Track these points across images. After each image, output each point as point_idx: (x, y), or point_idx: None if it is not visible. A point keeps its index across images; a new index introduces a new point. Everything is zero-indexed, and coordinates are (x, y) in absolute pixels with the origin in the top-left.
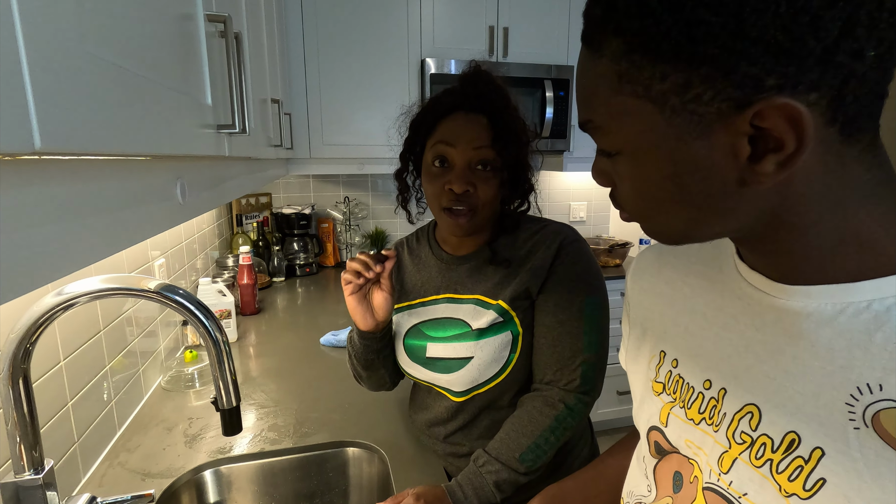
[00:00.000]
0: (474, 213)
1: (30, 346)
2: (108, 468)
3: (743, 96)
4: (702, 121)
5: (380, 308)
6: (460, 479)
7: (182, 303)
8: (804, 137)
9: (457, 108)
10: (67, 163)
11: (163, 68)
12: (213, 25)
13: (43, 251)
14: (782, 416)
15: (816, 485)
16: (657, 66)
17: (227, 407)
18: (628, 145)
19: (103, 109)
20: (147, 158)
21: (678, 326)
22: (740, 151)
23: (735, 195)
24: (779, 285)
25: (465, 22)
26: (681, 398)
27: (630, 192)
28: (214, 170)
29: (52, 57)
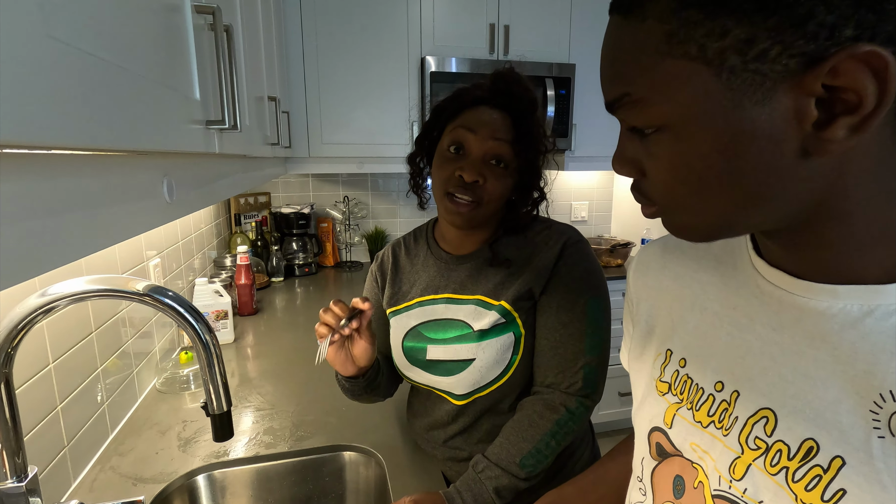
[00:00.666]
0: (477, 206)
1: (11, 350)
2: (98, 473)
3: (816, 50)
4: (765, 82)
5: (360, 357)
6: (459, 486)
7: (171, 305)
8: (887, 91)
9: (484, 101)
10: (43, 157)
11: (145, 61)
12: (202, 17)
13: (20, 248)
14: (800, 422)
15: (836, 495)
16: (717, 20)
17: (217, 412)
18: (676, 116)
19: (73, 101)
20: (128, 154)
21: (687, 324)
22: (806, 116)
23: (791, 172)
24: (803, 283)
25: (466, 20)
26: (688, 399)
27: (667, 176)
28: (205, 167)
29: (17, 43)
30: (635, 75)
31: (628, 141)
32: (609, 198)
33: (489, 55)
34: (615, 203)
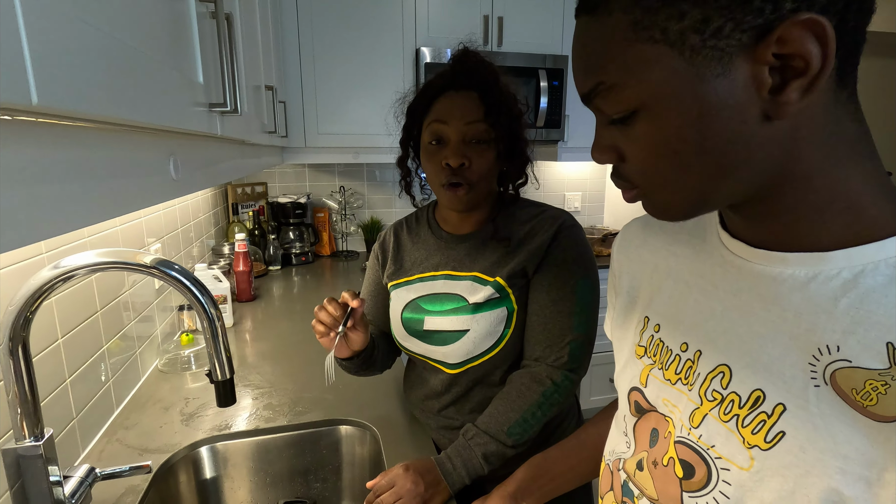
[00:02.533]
0: (472, 187)
1: (30, 314)
2: (106, 444)
3: (763, 23)
4: (723, 56)
5: (355, 342)
6: (450, 452)
7: (177, 278)
8: (828, 53)
9: (448, 87)
10: (66, 128)
11: (155, 43)
12: (204, 6)
13: (42, 208)
14: (750, 375)
15: (776, 437)
16: (674, 5)
17: (220, 379)
18: (647, 96)
19: (97, 74)
20: (141, 131)
21: (662, 293)
22: (763, 83)
23: (754, 138)
24: (759, 251)
25: (460, 11)
26: (660, 361)
27: (646, 155)
28: (207, 150)
29: (47, 21)
30: (607, 64)
31: (605, 130)
32: (602, 188)
33: (483, 46)
34: (608, 194)
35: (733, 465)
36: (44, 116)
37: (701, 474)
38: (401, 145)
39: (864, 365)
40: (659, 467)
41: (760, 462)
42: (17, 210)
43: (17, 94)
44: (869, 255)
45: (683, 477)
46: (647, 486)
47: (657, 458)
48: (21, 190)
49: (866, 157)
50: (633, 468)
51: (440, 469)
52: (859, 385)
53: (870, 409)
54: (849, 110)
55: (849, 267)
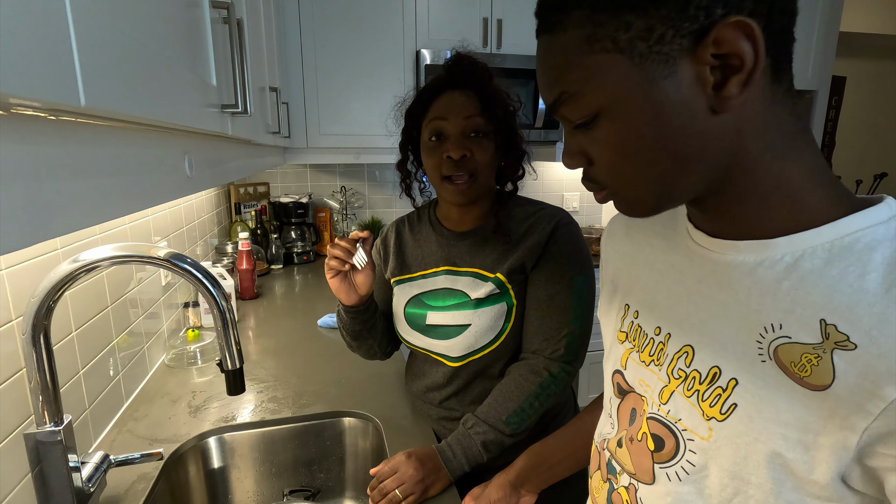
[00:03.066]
0: (474, 178)
1: (52, 303)
2: (117, 434)
3: (699, 28)
4: (668, 59)
5: (361, 284)
6: (450, 440)
7: (190, 270)
8: (759, 50)
9: (445, 88)
10: (94, 127)
11: (175, 48)
12: (217, 12)
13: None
14: (709, 353)
15: (730, 409)
16: (621, 17)
17: (231, 368)
18: (606, 101)
19: (132, 78)
20: (158, 130)
21: (640, 282)
22: (706, 81)
23: (705, 132)
24: (716, 241)
25: (460, 14)
26: (638, 344)
27: (610, 156)
28: (218, 150)
29: (94, 31)
30: (567, 75)
31: (573, 137)
32: None
33: (482, 48)
34: None
35: (696, 436)
36: (83, 117)
37: (670, 446)
38: (400, 148)
39: (801, 340)
40: (634, 443)
41: (717, 432)
42: (48, 204)
43: (68, 96)
44: (808, 241)
45: (655, 450)
46: (626, 462)
47: (633, 435)
48: (51, 185)
49: (804, 148)
50: (615, 446)
51: (441, 457)
52: (797, 358)
53: (805, 380)
54: (787, 105)
55: (790, 252)
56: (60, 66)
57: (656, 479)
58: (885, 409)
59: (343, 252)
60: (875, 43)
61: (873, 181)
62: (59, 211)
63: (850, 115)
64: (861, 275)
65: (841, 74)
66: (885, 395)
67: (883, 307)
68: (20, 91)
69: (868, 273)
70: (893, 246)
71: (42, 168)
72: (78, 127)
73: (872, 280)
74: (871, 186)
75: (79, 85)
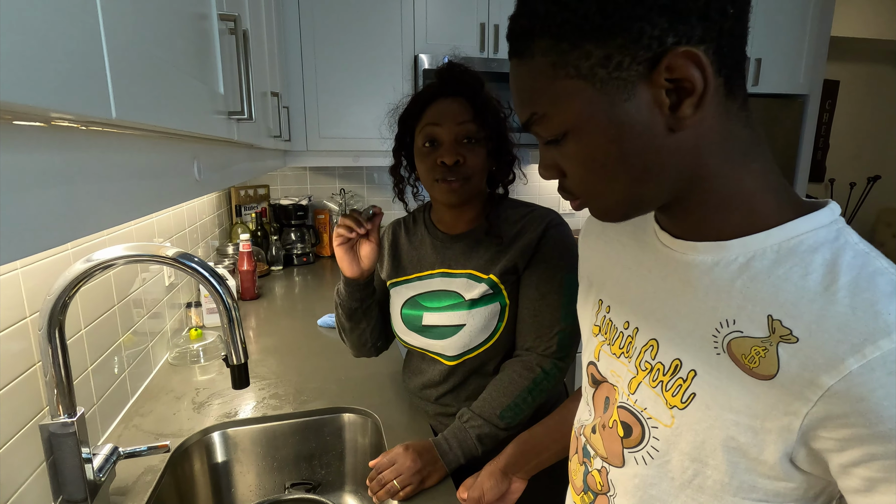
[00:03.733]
0: (466, 181)
1: (68, 299)
2: (123, 429)
3: (653, 56)
4: (627, 84)
5: (366, 257)
6: (446, 434)
7: (197, 269)
8: (707, 76)
9: (437, 95)
10: (118, 135)
11: (186, 60)
12: (224, 23)
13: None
14: (672, 346)
15: (689, 398)
16: (581, 47)
17: (236, 363)
18: (572, 121)
19: (151, 91)
20: (170, 136)
21: (612, 278)
22: (662, 103)
23: (664, 148)
24: (679, 241)
25: (457, 19)
26: (609, 338)
27: (580, 170)
28: (223, 154)
29: (122, 48)
30: (537, 97)
31: (546, 151)
32: None
33: (480, 53)
34: None
35: (660, 424)
36: (109, 126)
37: (637, 433)
38: (393, 154)
39: (752, 334)
40: (606, 429)
41: (679, 419)
42: (81, 204)
43: (101, 110)
44: (758, 243)
45: (624, 436)
46: (599, 447)
47: (605, 422)
48: (83, 187)
49: (758, 158)
50: (589, 432)
51: (437, 449)
52: (747, 351)
53: (754, 371)
54: (741, 119)
55: (743, 253)
56: (95, 83)
57: (626, 462)
58: (822, 395)
59: (354, 222)
60: (867, 47)
61: (867, 184)
62: (91, 211)
63: (844, 118)
64: (804, 274)
65: (834, 78)
66: (821, 383)
67: (821, 304)
68: (61, 106)
69: (810, 273)
70: (832, 248)
71: (76, 172)
72: (104, 135)
73: (813, 279)
74: (865, 189)
75: (111, 100)
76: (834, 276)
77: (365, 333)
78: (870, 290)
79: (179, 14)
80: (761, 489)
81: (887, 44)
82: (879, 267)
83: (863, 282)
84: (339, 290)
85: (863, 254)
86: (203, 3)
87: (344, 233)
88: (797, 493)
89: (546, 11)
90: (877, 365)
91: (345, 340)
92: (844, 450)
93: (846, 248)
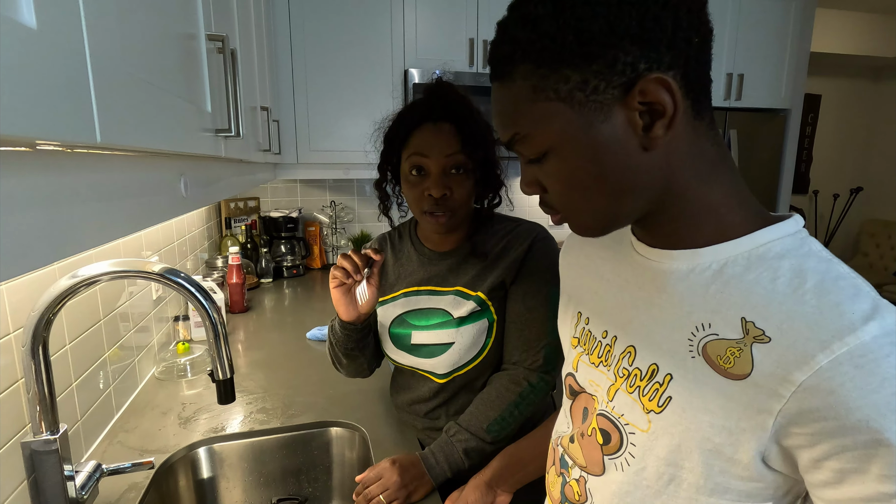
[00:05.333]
0: (453, 213)
1: (52, 315)
2: (108, 446)
3: (627, 81)
4: (603, 107)
5: (364, 303)
6: (433, 448)
7: (183, 284)
8: (677, 100)
9: (425, 119)
10: (104, 156)
11: (173, 80)
12: (213, 43)
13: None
14: (649, 353)
15: (666, 402)
16: (560, 72)
17: (222, 378)
18: (553, 142)
19: (136, 114)
20: (155, 155)
21: (591, 291)
22: (636, 124)
23: (639, 166)
24: (655, 250)
25: (447, 34)
26: (588, 348)
27: (561, 187)
28: (211, 169)
29: (108, 73)
30: (518, 119)
31: (528, 169)
32: None
33: (469, 68)
34: None
35: (637, 429)
36: (95, 148)
37: (616, 439)
38: (378, 170)
39: (727, 336)
40: (585, 438)
41: (655, 423)
42: (66, 225)
43: (86, 135)
44: (730, 251)
45: (603, 443)
46: (578, 456)
47: (584, 431)
48: (68, 208)
49: (725, 172)
50: (567, 442)
51: (424, 463)
52: (723, 352)
53: (729, 371)
54: (709, 137)
55: (716, 260)
56: (80, 109)
57: (606, 469)
58: (794, 391)
59: (351, 266)
60: (847, 63)
61: (849, 195)
62: (75, 231)
63: (827, 131)
64: (773, 279)
65: (816, 93)
66: (793, 379)
67: (791, 305)
68: (46, 135)
69: (779, 277)
70: (798, 255)
71: (61, 194)
72: (89, 157)
73: (782, 283)
74: (848, 200)
75: (95, 125)
76: (801, 280)
77: (362, 365)
78: (834, 292)
79: (167, 36)
80: (734, 490)
81: (865, 59)
82: (842, 272)
83: (828, 284)
84: (334, 328)
85: (826, 260)
86: (191, 23)
87: (340, 276)
88: (767, 493)
89: (526, 39)
90: (844, 359)
91: (338, 369)
92: (816, 444)
93: (811, 256)
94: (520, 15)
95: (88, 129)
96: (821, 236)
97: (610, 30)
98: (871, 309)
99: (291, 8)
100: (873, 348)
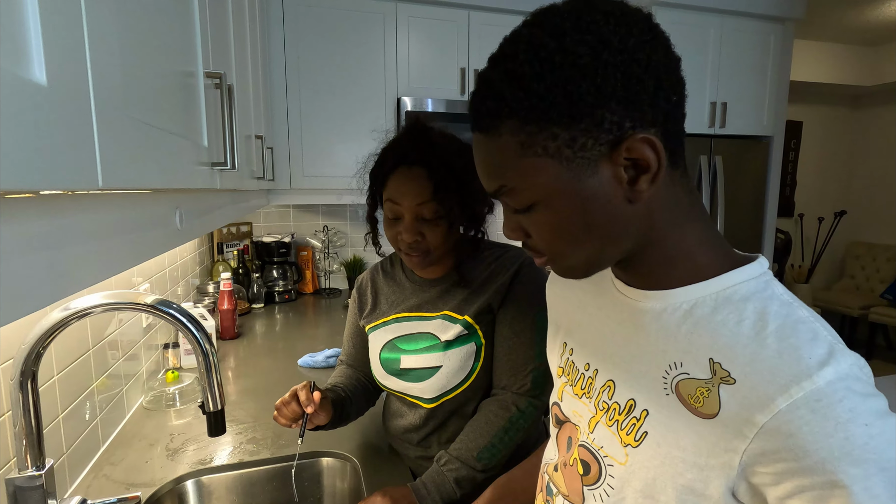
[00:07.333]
0: (427, 254)
1: (42, 349)
2: (93, 479)
3: (613, 138)
4: (590, 162)
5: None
6: (424, 478)
7: (175, 315)
8: (661, 157)
9: (400, 162)
10: (104, 196)
11: (172, 119)
12: (210, 80)
13: (82, 263)
14: (627, 387)
15: (642, 436)
16: (548, 129)
17: (213, 409)
18: (540, 195)
19: (135, 156)
20: (155, 191)
21: (575, 322)
22: (622, 178)
23: (624, 217)
24: (633, 290)
25: (439, 64)
26: (571, 379)
27: (547, 236)
28: (206, 200)
29: (110, 120)
30: (505, 172)
31: (512, 215)
32: None
33: (460, 96)
34: None
35: (615, 462)
36: (97, 191)
37: (595, 471)
38: (367, 203)
39: (696, 376)
40: (567, 467)
41: (633, 457)
42: (66, 266)
43: (88, 182)
44: (699, 292)
45: (583, 474)
46: (561, 484)
47: (566, 461)
48: (68, 249)
49: (697, 218)
50: (552, 470)
51: (416, 494)
52: (693, 391)
53: (699, 410)
54: (682, 185)
55: (687, 300)
56: (84, 157)
57: (585, 499)
58: (757, 432)
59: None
60: (826, 91)
61: (834, 218)
62: (75, 271)
63: (809, 156)
64: (738, 321)
65: (798, 119)
66: (756, 421)
67: (753, 349)
68: (51, 185)
69: (743, 320)
70: (762, 297)
71: (61, 236)
72: (87, 197)
73: (746, 326)
74: (833, 223)
75: (98, 170)
76: (763, 324)
77: (360, 413)
78: (794, 336)
79: (168, 74)
80: None
81: (844, 88)
82: (802, 316)
83: (787, 329)
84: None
85: (787, 304)
86: (190, 62)
87: (284, 423)
88: None
89: (513, 96)
90: (801, 403)
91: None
92: (779, 483)
93: (773, 299)
94: (505, 70)
95: (91, 175)
96: (808, 259)
97: (597, 91)
98: (828, 354)
99: (287, 36)
100: (828, 393)
